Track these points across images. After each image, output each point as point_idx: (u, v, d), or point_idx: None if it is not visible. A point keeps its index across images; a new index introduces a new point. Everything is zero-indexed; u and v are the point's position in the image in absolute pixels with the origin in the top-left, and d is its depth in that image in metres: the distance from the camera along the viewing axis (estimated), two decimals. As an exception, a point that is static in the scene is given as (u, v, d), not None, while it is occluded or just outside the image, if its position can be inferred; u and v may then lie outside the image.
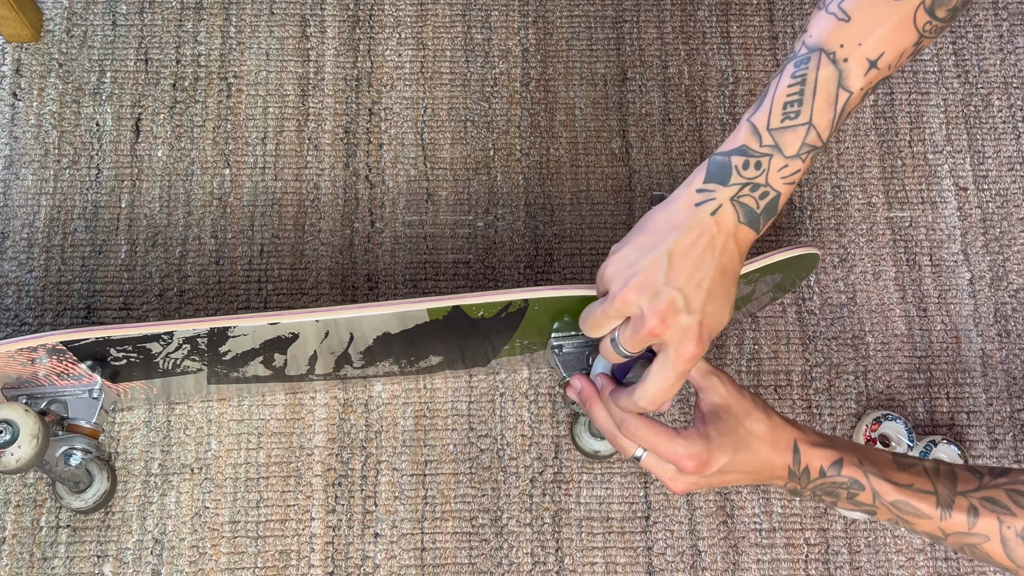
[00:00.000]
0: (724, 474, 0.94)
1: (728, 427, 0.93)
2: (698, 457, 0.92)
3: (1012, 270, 1.41)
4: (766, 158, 0.86)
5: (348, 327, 1.09)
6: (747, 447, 0.93)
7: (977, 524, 0.88)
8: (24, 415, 1.04)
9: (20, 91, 1.44)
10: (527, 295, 1.08)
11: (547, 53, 1.50)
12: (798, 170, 0.87)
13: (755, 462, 0.93)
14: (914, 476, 0.91)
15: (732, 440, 0.93)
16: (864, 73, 0.85)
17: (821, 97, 0.85)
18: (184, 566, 1.25)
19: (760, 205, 0.87)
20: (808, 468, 0.93)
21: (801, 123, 0.85)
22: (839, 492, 0.93)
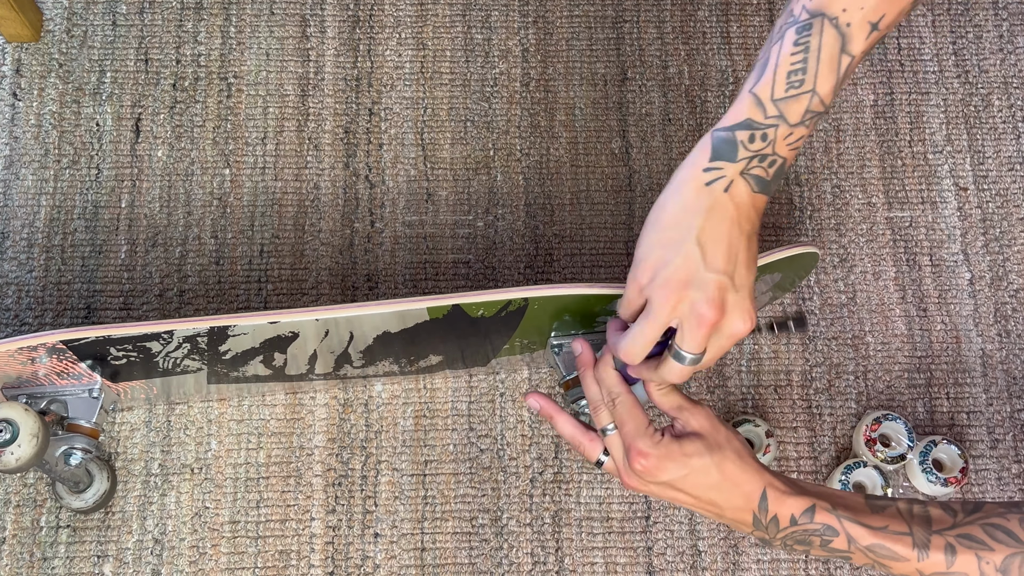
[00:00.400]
0: (674, 491, 0.93)
1: (694, 449, 0.93)
2: (648, 458, 0.92)
3: (1012, 270, 1.41)
4: (772, 128, 0.85)
5: (348, 326, 1.09)
6: (707, 476, 0.92)
7: (955, 562, 0.87)
8: (24, 414, 1.04)
9: (20, 91, 1.44)
10: (527, 294, 1.08)
11: (547, 53, 1.50)
12: (802, 136, 0.86)
13: (714, 494, 0.93)
14: (888, 518, 0.90)
15: (692, 463, 0.92)
16: (866, 36, 0.84)
17: (825, 64, 0.84)
18: (184, 566, 1.25)
19: (770, 173, 0.87)
20: (777, 517, 0.91)
21: (805, 91, 0.84)
22: (812, 540, 0.91)
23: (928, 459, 1.28)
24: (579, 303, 1.12)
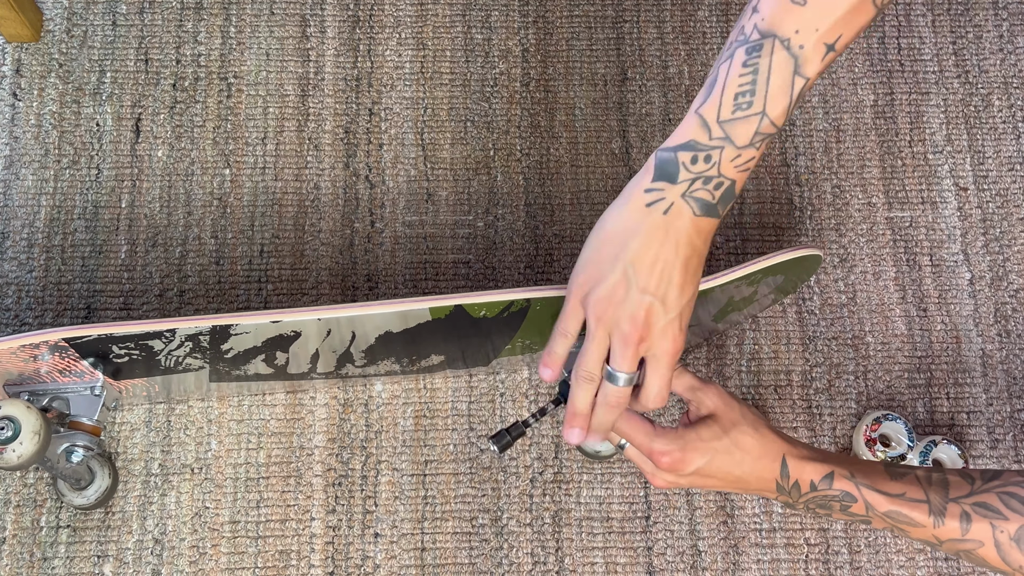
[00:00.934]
0: (704, 477, 0.94)
1: (711, 433, 0.94)
2: (671, 455, 0.93)
3: (1012, 270, 1.42)
4: (716, 150, 0.84)
5: (350, 326, 1.09)
6: (729, 455, 0.94)
7: (970, 530, 0.88)
8: (26, 412, 1.04)
9: (20, 91, 1.44)
10: (530, 295, 1.08)
11: (547, 53, 1.50)
12: (752, 158, 0.84)
13: (738, 471, 0.94)
14: (906, 485, 0.92)
15: (712, 446, 0.94)
16: (822, 58, 0.81)
17: (775, 85, 0.81)
18: (184, 566, 1.25)
19: (715, 195, 0.85)
20: (798, 482, 0.94)
21: (754, 113, 0.82)
22: (832, 504, 0.93)
23: (928, 459, 1.28)
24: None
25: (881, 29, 1.52)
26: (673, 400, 1.34)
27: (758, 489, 0.95)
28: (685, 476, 0.94)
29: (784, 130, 1.47)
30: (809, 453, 0.94)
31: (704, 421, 0.95)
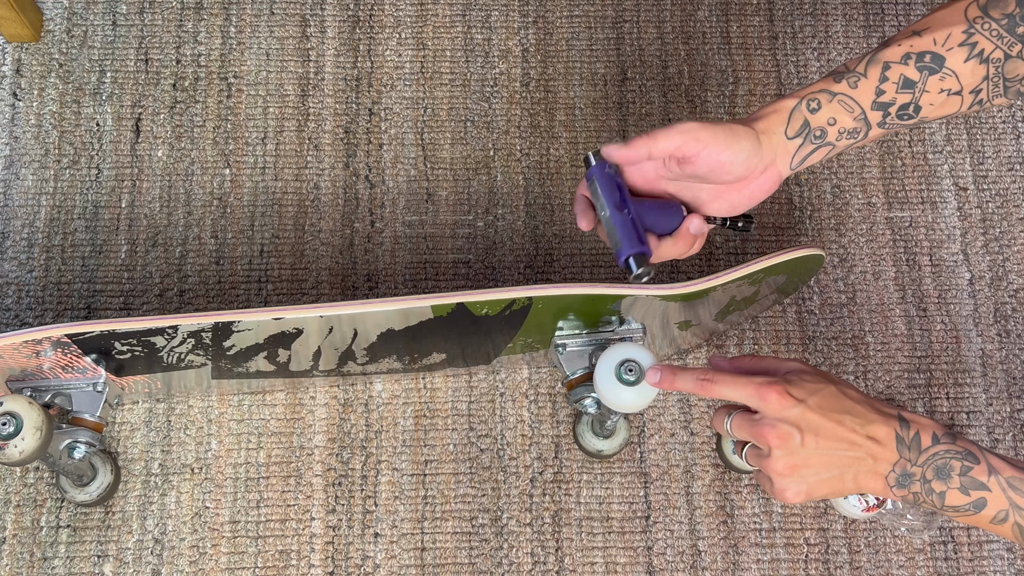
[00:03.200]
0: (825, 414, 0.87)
1: (813, 377, 0.89)
2: (777, 387, 0.87)
3: (1012, 270, 1.42)
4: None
5: (352, 323, 1.09)
6: (840, 399, 0.88)
7: None
8: (28, 407, 1.04)
9: (20, 91, 1.44)
10: (532, 293, 1.08)
11: (547, 53, 1.50)
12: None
13: (851, 420, 0.87)
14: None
15: (817, 386, 0.88)
16: (906, 37, 0.90)
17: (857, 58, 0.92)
18: (184, 566, 1.25)
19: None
20: (919, 435, 0.87)
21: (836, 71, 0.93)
22: (952, 465, 0.86)
23: (928, 458, 1.28)
24: (584, 303, 1.12)
25: (881, 29, 1.52)
26: (674, 398, 1.34)
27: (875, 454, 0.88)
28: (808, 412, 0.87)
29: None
30: (923, 416, 0.89)
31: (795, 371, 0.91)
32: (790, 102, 0.92)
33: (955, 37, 0.88)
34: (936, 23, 0.89)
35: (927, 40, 0.89)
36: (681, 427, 1.33)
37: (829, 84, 0.91)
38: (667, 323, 1.22)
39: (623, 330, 1.20)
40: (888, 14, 1.53)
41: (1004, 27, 0.87)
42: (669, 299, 1.11)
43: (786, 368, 0.92)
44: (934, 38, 0.88)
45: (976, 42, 0.88)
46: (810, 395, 0.87)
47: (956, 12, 0.89)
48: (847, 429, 0.87)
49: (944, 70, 0.89)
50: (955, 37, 0.88)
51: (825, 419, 0.87)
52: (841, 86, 0.90)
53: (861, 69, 0.90)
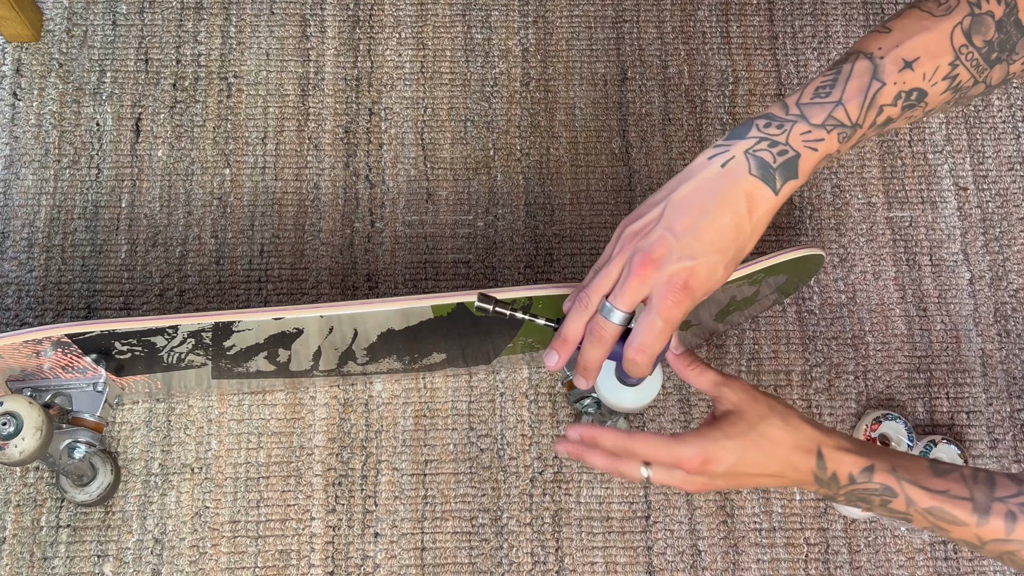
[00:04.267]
0: (738, 477, 0.91)
1: (738, 430, 0.91)
2: (698, 457, 0.89)
3: (1012, 270, 1.42)
4: (789, 123, 0.87)
5: (352, 323, 1.09)
6: (759, 450, 0.91)
7: (1016, 530, 0.86)
8: (28, 407, 1.04)
9: (20, 91, 1.44)
10: (533, 293, 1.08)
11: (547, 53, 1.50)
12: (822, 139, 0.86)
13: (773, 465, 0.91)
14: (949, 482, 0.89)
15: (741, 443, 0.90)
16: (898, 70, 0.86)
17: (853, 83, 0.87)
18: (184, 566, 1.25)
19: (776, 161, 0.86)
20: (836, 474, 0.90)
21: (830, 101, 0.86)
22: (872, 499, 0.90)
23: (928, 458, 1.28)
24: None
25: (881, 29, 1.52)
26: (674, 398, 1.35)
27: (796, 482, 0.92)
28: (718, 478, 0.91)
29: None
30: (848, 444, 0.91)
31: (728, 418, 0.92)
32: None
33: (941, 71, 0.88)
34: (925, 52, 0.87)
35: (918, 75, 0.87)
36: (681, 427, 1.33)
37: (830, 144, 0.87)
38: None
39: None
40: (888, 14, 1.53)
41: (983, 55, 0.88)
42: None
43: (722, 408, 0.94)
44: (924, 73, 0.87)
45: (958, 75, 0.88)
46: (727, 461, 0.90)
47: (942, 39, 0.87)
48: (766, 477, 0.92)
49: (920, 103, 0.89)
50: (941, 71, 0.88)
51: (742, 479, 0.92)
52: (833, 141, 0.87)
53: (859, 117, 0.87)
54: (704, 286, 0.86)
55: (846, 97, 0.86)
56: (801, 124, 0.86)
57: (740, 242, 0.86)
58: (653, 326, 0.87)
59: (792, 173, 0.86)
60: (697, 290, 0.86)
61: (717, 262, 0.86)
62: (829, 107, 0.86)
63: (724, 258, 0.86)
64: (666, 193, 0.87)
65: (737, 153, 0.86)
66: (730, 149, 0.86)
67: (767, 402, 0.93)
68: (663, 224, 0.86)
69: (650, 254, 0.85)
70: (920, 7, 0.89)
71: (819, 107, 0.87)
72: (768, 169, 0.85)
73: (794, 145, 0.86)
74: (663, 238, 0.85)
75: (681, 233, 0.85)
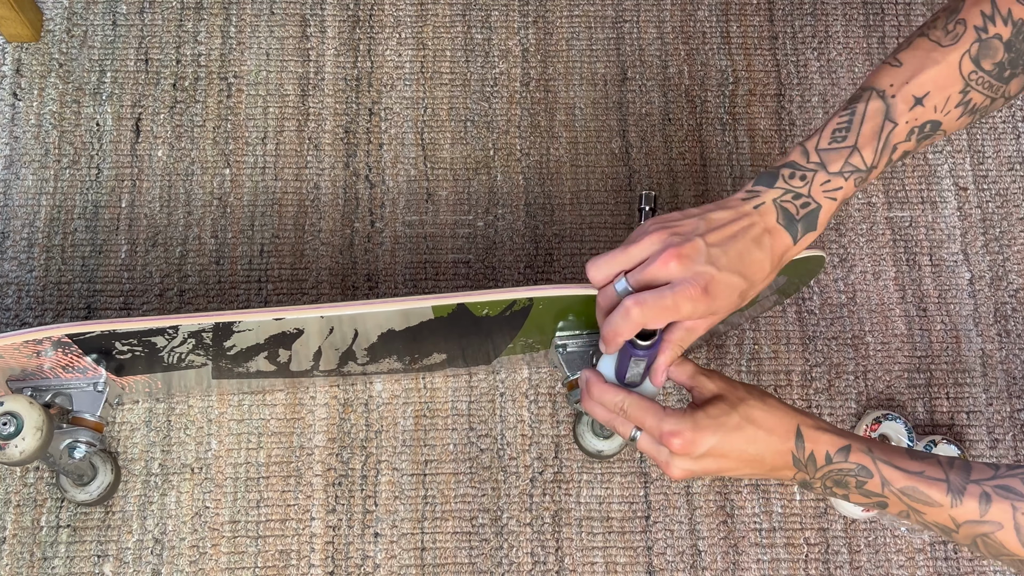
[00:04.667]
0: (718, 459, 0.93)
1: (719, 411, 0.93)
2: (682, 435, 0.91)
3: (1012, 270, 1.42)
4: (811, 172, 0.91)
5: (352, 324, 1.09)
6: (740, 431, 0.92)
7: (990, 511, 0.87)
8: (28, 407, 1.04)
9: (20, 91, 1.44)
10: (533, 293, 1.08)
11: (547, 53, 1.50)
12: (840, 187, 0.91)
13: (752, 448, 0.92)
14: (925, 464, 0.90)
15: (721, 423, 0.92)
16: (909, 108, 0.91)
17: (867, 126, 0.91)
18: (184, 566, 1.25)
19: (799, 213, 0.91)
20: (814, 454, 0.92)
21: (846, 146, 0.91)
22: (847, 480, 0.91)
23: (928, 458, 1.28)
24: (584, 303, 1.12)
25: (881, 29, 1.52)
26: (674, 398, 1.35)
27: (775, 467, 0.93)
28: (699, 460, 0.93)
29: (783, 130, 1.47)
30: (826, 425, 0.93)
31: (711, 401, 0.94)
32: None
33: (953, 99, 0.91)
34: (934, 86, 0.91)
35: (929, 109, 0.91)
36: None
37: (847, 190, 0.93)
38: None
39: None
40: (888, 14, 1.53)
41: (994, 76, 0.91)
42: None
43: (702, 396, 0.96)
44: (935, 105, 0.91)
45: (971, 99, 0.92)
46: (710, 441, 0.92)
47: (951, 70, 0.91)
48: (745, 461, 0.93)
49: (937, 132, 0.93)
50: (953, 99, 0.91)
51: (722, 461, 0.93)
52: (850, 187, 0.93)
53: (873, 160, 0.92)
54: (719, 300, 0.91)
55: (861, 142, 0.91)
56: (821, 174, 0.91)
57: (758, 277, 0.92)
58: (662, 296, 0.90)
59: (812, 225, 0.92)
60: (714, 301, 0.90)
61: (735, 285, 0.91)
62: (846, 152, 0.91)
63: (741, 284, 0.91)
64: (702, 211, 0.92)
65: (767, 200, 0.92)
66: (761, 195, 0.92)
67: (745, 387, 0.96)
68: (697, 231, 0.90)
69: (681, 250, 0.89)
70: (928, 36, 0.92)
71: (836, 153, 0.91)
72: (792, 221, 0.91)
73: (815, 197, 0.91)
74: (696, 243, 0.90)
75: (712, 244, 0.90)
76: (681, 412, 0.93)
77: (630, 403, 0.95)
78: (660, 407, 0.94)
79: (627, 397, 0.96)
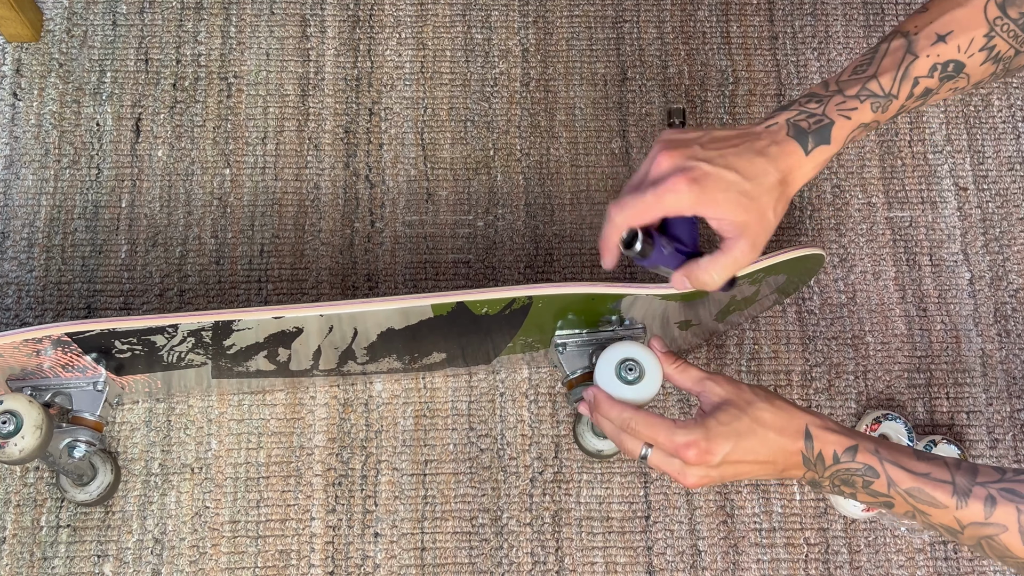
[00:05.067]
0: (734, 465, 0.93)
1: (729, 416, 0.93)
2: (697, 445, 0.92)
3: (1012, 270, 1.42)
4: (827, 97, 0.93)
5: (352, 322, 1.09)
6: (752, 435, 0.93)
7: (994, 513, 0.87)
8: (28, 406, 1.04)
9: (20, 91, 1.44)
10: (533, 292, 1.08)
11: (547, 53, 1.50)
12: (855, 107, 0.92)
13: (765, 450, 0.93)
14: (932, 466, 0.90)
15: (734, 428, 0.92)
16: (931, 44, 0.92)
17: (888, 59, 0.93)
18: (184, 566, 1.25)
19: (811, 125, 0.92)
20: (822, 454, 0.92)
21: (866, 75, 0.93)
22: (854, 480, 0.92)
23: (928, 458, 1.28)
24: (584, 302, 1.12)
25: (881, 29, 1.52)
26: (674, 398, 1.35)
27: (786, 467, 0.94)
28: (715, 468, 0.93)
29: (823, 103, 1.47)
30: (834, 425, 0.94)
31: (720, 407, 0.94)
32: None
33: (977, 42, 0.91)
34: (958, 26, 0.91)
35: (952, 47, 0.91)
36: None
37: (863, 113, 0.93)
38: (667, 323, 1.22)
39: (623, 330, 1.20)
40: (888, 14, 1.53)
41: (1020, 26, 0.91)
42: (669, 299, 1.11)
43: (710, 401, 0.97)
44: (958, 45, 0.91)
45: (995, 45, 0.92)
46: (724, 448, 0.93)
47: (975, 13, 0.91)
48: (758, 464, 0.94)
49: (961, 75, 0.93)
50: (977, 42, 0.91)
51: (738, 467, 0.94)
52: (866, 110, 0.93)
53: (892, 88, 0.92)
54: (712, 194, 0.92)
55: (880, 71, 0.92)
56: (837, 97, 0.93)
57: (762, 183, 0.92)
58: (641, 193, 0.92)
59: (824, 138, 0.92)
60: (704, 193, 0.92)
61: (733, 181, 0.92)
62: (864, 80, 0.93)
63: (741, 184, 0.92)
64: (707, 128, 0.94)
65: (780, 119, 0.93)
66: (774, 116, 0.93)
67: (752, 390, 0.96)
68: (696, 141, 0.93)
69: (673, 150, 0.92)
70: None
71: (854, 81, 0.93)
72: (802, 132, 0.92)
73: (829, 114, 0.92)
74: (691, 145, 0.92)
75: (709, 148, 0.92)
76: (691, 422, 0.94)
77: (638, 420, 0.96)
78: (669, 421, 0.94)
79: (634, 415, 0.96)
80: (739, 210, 0.91)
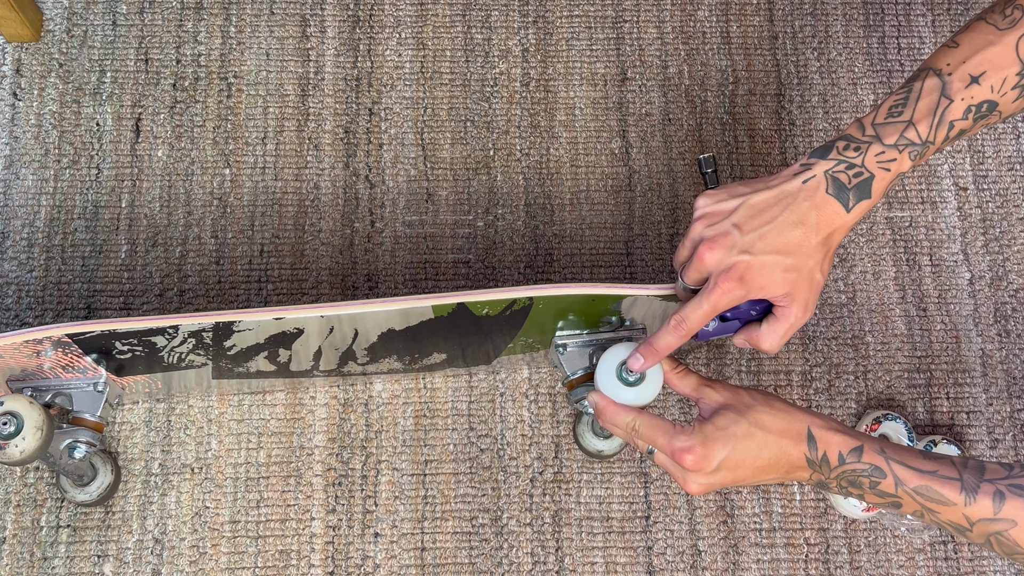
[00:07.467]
0: (734, 470, 0.93)
1: (727, 421, 0.94)
2: (693, 451, 0.92)
3: (1012, 270, 1.42)
4: (865, 144, 0.93)
5: (352, 323, 1.09)
6: (751, 438, 0.93)
7: (1003, 509, 0.87)
8: (29, 407, 1.04)
9: (20, 91, 1.44)
10: (533, 293, 1.08)
11: (547, 53, 1.50)
12: (894, 159, 0.92)
13: (765, 453, 0.93)
14: (939, 464, 0.90)
15: (731, 432, 0.93)
16: (965, 86, 0.91)
17: (923, 102, 0.92)
18: (184, 566, 1.25)
19: (852, 182, 0.92)
20: (827, 455, 0.92)
21: (902, 120, 0.92)
22: (861, 481, 0.92)
23: (928, 458, 1.28)
24: (585, 303, 1.12)
25: (881, 29, 1.52)
26: (674, 398, 1.35)
27: (791, 470, 0.94)
28: (715, 474, 0.93)
29: (783, 130, 1.47)
30: (837, 426, 0.94)
31: (717, 412, 0.95)
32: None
33: (1010, 81, 0.92)
34: (991, 66, 0.91)
35: (985, 88, 0.91)
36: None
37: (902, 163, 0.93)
38: (667, 323, 1.22)
39: (624, 330, 1.20)
40: (888, 14, 1.53)
41: None
42: (669, 299, 1.11)
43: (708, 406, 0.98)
44: (992, 85, 0.91)
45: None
46: (721, 453, 0.93)
47: (1007, 51, 0.91)
48: (760, 468, 0.94)
49: (994, 112, 0.93)
50: (1010, 81, 0.92)
51: (738, 472, 0.94)
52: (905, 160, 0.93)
53: (929, 135, 0.92)
54: (759, 282, 0.93)
55: (916, 117, 0.92)
56: (876, 145, 0.92)
57: (804, 251, 0.93)
58: (698, 306, 0.94)
59: (865, 193, 0.92)
60: (751, 284, 0.93)
61: (775, 263, 0.92)
62: (901, 127, 0.92)
63: (783, 261, 0.92)
64: (746, 191, 0.95)
65: (818, 173, 0.93)
66: (812, 168, 0.93)
67: (751, 393, 0.97)
68: (732, 219, 0.93)
69: (713, 244, 0.93)
70: (986, 20, 0.94)
71: (892, 127, 0.92)
72: (843, 189, 0.92)
73: (869, 167, 0.92)
74: (728, 233, 0.93)
75: (747, 231, 0.92)
76: (690, 428, 0.94)
77: (640, 423, 0.97)
78: (670, 424, 0.95)
79: (637, 417, 0.98)
80: (786, 285, 0.93)
